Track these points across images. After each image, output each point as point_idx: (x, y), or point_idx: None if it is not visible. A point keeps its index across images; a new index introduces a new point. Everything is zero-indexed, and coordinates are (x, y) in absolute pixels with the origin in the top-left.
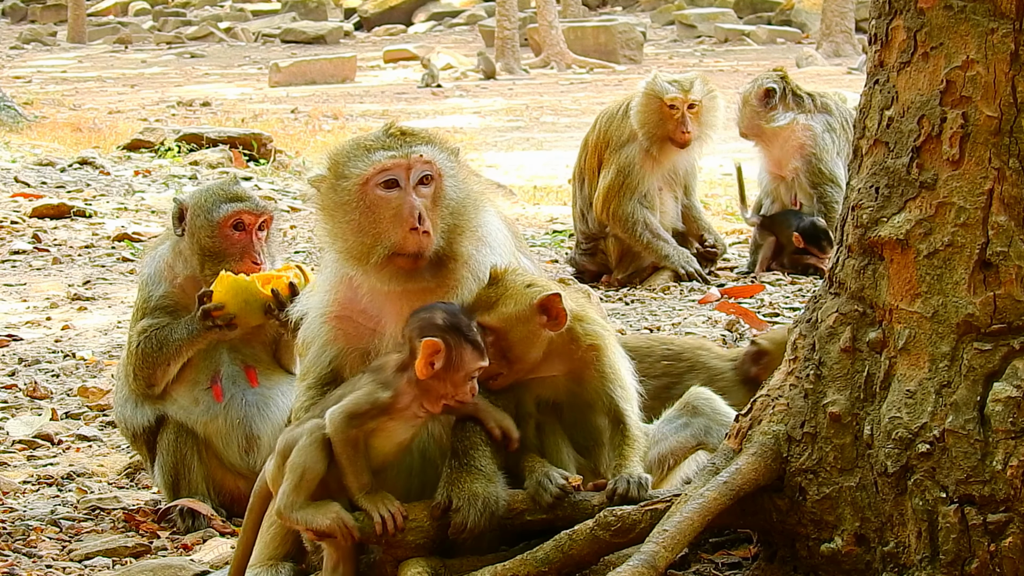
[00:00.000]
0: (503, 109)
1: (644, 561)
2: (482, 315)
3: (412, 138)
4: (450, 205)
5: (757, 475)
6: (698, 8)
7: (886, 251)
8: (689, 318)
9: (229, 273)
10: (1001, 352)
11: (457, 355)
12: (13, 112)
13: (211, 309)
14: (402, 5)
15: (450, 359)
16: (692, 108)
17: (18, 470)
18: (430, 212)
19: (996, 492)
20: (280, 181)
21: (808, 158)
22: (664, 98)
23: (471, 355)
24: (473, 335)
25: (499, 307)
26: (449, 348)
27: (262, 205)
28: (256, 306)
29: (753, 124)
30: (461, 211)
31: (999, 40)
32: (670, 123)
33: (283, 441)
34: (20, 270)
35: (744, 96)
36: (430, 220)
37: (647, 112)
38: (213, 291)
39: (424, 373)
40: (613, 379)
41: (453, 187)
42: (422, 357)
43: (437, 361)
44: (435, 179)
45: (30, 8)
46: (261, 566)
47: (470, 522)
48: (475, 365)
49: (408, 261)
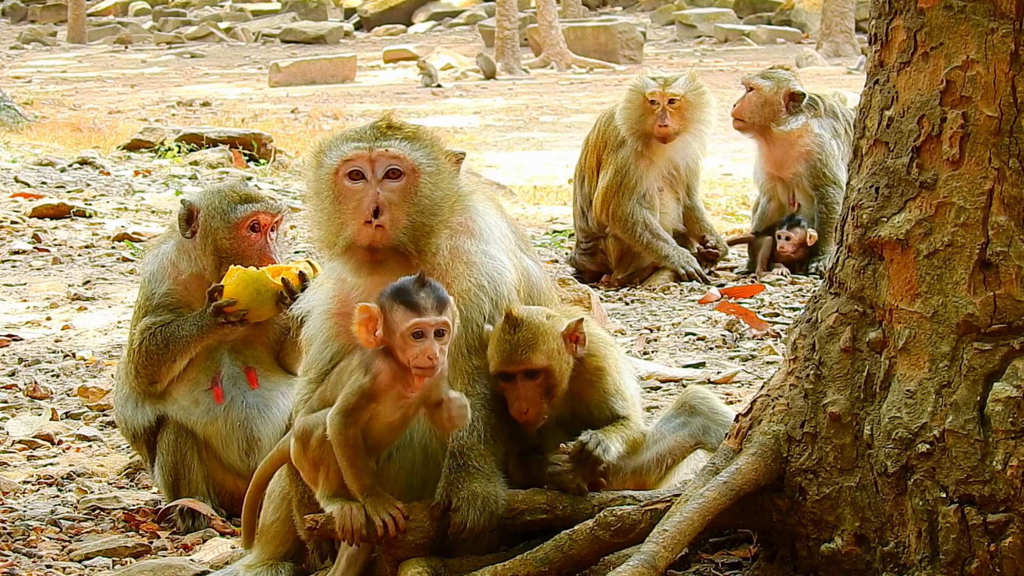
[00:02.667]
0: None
1: (644, 561)
2: (529, 360)
3: (390, 132)
4: (421, 203)
5: (757, 475)
6: (698, 8)
7: (886, 251)
8: (689, 318)
9: (238, 266)
10: (1001, 352)
11: (390, 317)
12: (13, 112)
13: (223, 305)
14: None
15: (386, 323)
16: (673, 103)
17: (18, 470)
18: (395, 207)
19: (996, 492)
20: (280, 181)
21: (814, 163)
22: (645, 93)
23: (402, 314)
24: (409, 295)
25: (541, 346)
26: (383, 311)
27: (276, 204)
28: (268, 297)
29: (761, 119)
30: (434, 210)
31: (999, 40)
32: (651, 118)
33: (300, 425)
34: (20, 270)
35: (758, 87)
36: (391, 215)
37: (630, 109)
38: (224, 286)
39: (365, 340)
40: (615, 395)
41: (428, 185)
42: (357, 324)
43: (376, 327)
44: (405, 175)
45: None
46: (261, 566)
47: (470, 521)
48: (407, 322)
49: (364, 253)
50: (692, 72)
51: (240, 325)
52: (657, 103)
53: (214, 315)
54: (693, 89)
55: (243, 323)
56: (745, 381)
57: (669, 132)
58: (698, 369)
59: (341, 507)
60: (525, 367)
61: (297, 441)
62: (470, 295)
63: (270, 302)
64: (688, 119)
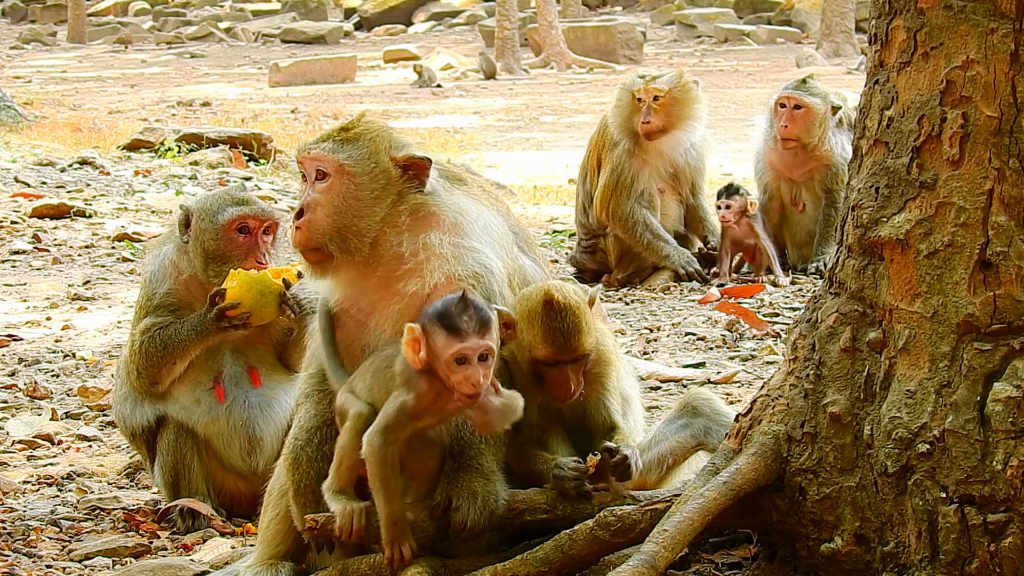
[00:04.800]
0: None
1: (644, 561)
2: (581, 345)
3: (335, 134)
4: (345, 203)
5: (757, 475)
6: (698, 8)
7: (886, 251)
8: (689, 318)
9: (240, 269)
10: (1001, 352)
11: (432, 340)
12: (13, 112)
13: (226, 308)
14: (402, 5)
15: (427, 345)
16: (657, 100)
17: (18, 470)
18: (319, 208)
19: (996, 492)
20: (280, 181)
21: (835, 172)
22: (633, 91)
23: (444, 340)
24: (452, 320)
25: (587, 329)
26: (425, 333)
27: (267, 210)
28: (271, 299)
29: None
30: (360, 211)
31: (999, 40)
32: (637, 116)
33: (340, 401)
34: (20, 270)
35: (816, 111)
36: (311, 216)
37: (620, 107)
38: (226, 289)
39: (412, 360)
40: (613, 392)
41: (351, 186)
42: (405, 344)
43: (419, 348)
44: (330, 176)
45: (30, 8)
46: (261, 566)
47: (470, 520)
48: (450, 349)
49: (304, 256)
50: (681, 69)
51: (244, 329)
52: (643, 100)
53: (216, 319)
54: (679, 86)
55: (246, 327)
56: (745, 381)
57: (652, 129)
58: (698, 369)
59: (344, 507)
60: (576, 353)
61: (338, 416)
62: (449, 290)
63: (273, 304)
64: (675, 116)
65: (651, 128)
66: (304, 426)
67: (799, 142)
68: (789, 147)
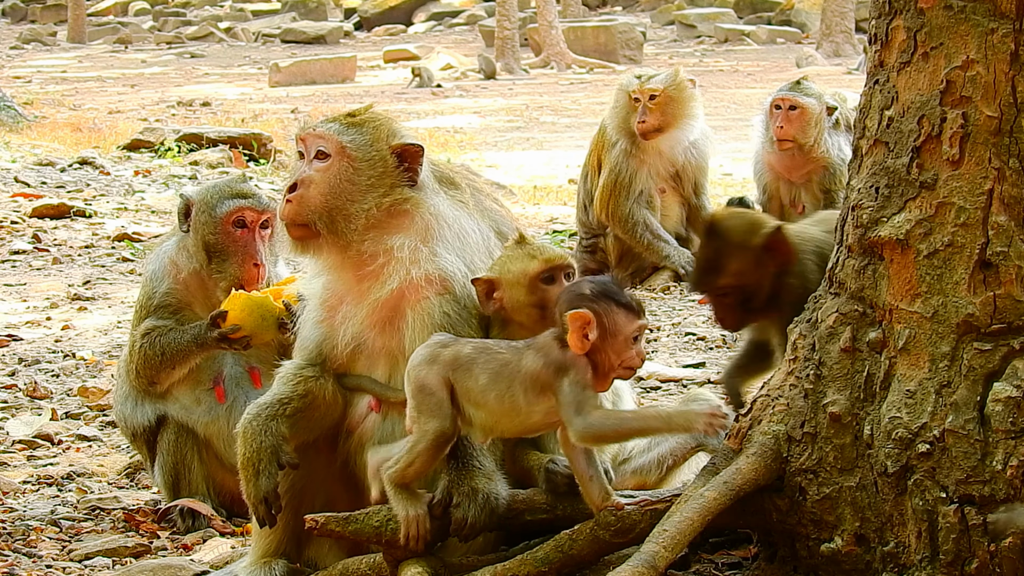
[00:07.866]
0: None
1: (644, 561)
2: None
3: (342, 118)
4: (341, 185)
5: (757, 475)
6: (698, 8)
7: (886, 251)
8: (689, 318)
9: (241, 291)
10: (1001, 352)
11: (610, 321)
12: (13, 112)
13: (228, 332)
14: (402, 5)
15: (603, 326)
16: (653, 99)
17: (18, 470)
18: (314, 186)
19: (996, 492)
20: (280, 181)
21: (833, 173)
22: (629, 91)
23: (625, 318)
24: (624, 298)
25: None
26: (599, 316)
27: (265, 202)
28: (272, 321)
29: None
30: (354, 195)
31: (999, 40)
32: (634, 116)
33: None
34: (20, 270)
35: (811, 111)
36: (304, 192)
37: (617, 108)
38: (227, 311)
39: (579, 347)
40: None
41: (350, 170)
42: (573, 331)
43: (590, 332)
44: (331, 156)
45: (30, 8)
46: (255, 565)
47: (471, 517)
48: (632, 326)
49: (289, 231)
50: (676, 68)
51: (244, 350)
52: (639, 100)
53: (218, 341)
54: (674, 85)
55: (247, 348)
56: None
57: (648, 128)
58: (698, 369)
59: (407, 512)
60: (565, 260)
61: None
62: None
63: (274, 326)
64: (671, 115)
65: (647, 127)
66: (260, 401)
67: (795, 143)
68: (785, 148)
